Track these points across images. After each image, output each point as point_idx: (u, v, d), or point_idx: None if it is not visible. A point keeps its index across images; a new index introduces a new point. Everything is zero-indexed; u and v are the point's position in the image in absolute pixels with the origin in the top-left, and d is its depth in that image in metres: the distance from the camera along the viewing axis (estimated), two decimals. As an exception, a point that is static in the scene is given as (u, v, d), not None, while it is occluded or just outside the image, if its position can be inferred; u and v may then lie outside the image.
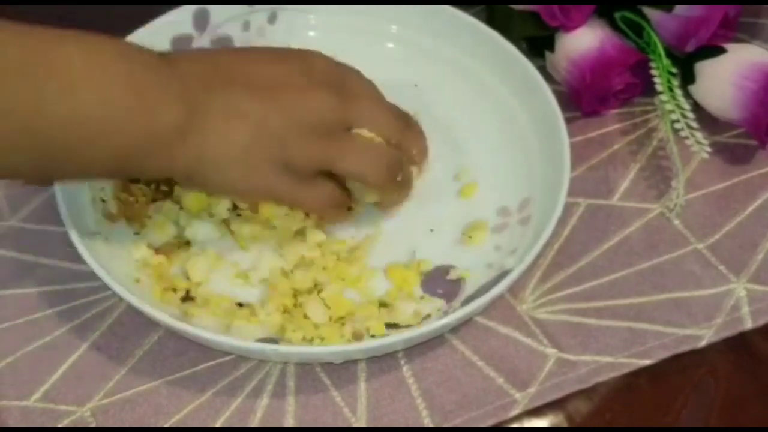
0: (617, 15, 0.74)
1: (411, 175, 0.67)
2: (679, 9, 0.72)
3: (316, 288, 0.64)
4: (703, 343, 0.65)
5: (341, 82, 0.63)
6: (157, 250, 0.65)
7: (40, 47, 0.54)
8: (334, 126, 0.61)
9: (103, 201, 0.67)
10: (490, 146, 0.72)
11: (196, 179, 0.59)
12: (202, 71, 0.59)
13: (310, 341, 0.62)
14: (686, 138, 0.70)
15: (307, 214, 0.66)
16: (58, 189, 0.64)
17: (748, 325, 0.65)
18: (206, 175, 0.59)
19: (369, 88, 0.65)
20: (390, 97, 0.71)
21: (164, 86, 0.57)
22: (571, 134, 0.68)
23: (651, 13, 0.73)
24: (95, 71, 0.55)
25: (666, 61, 0.72)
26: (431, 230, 0.68)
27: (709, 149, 0.69)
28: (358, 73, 0.66)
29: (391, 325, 0.63)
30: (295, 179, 0.61)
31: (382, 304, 0.64)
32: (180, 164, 0.58)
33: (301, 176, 0.61)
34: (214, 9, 0.74)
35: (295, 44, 0.75)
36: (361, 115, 0.63)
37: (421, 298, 0.65)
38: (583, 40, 0.73)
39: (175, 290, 0.64)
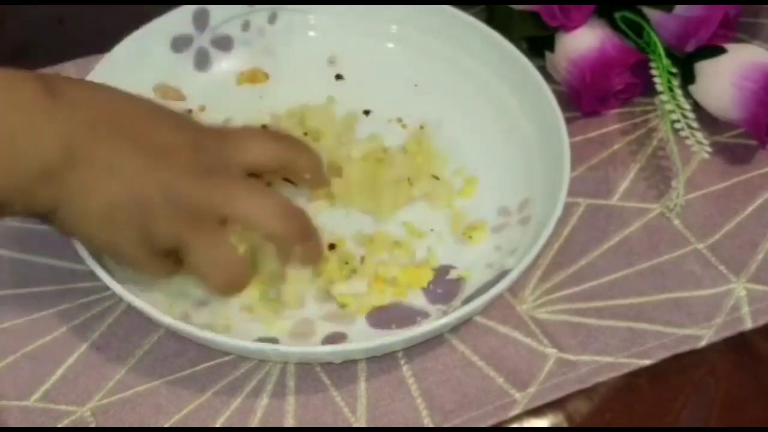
0: (617, 15, 0.74)
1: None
2: (679, 9, 0.72)
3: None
4: (703, 343, 0.65)
5: (224, 165, 0.60)
6: None
7: None
8: (202, 213, 0.58)
9: None
10: (489, 146, 0.72)
11: (55, 221, 0.58)
12: (93, 116, 0.57)
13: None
14: (686, 138, 0.70)
15: None
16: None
17: (748, 325, 0.65)
18: (63, 220, 0.57)
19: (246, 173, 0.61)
20: (390, 97, 0.72)
21: (41, 127, 0.55)
22: (571, 134, 0.68)
23: (651, 13, 0.73)
24: None
25: (666, 61, 0.72)
26: (431, 230, 0.68)
27: (709, 149, 0.69)
28: (243, 144, 0.62)
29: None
30: (147, 251, 0.58)
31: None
32: (43, 201, 0.56)
33: (154, 250, 0.59)
34: (214, 9, 0.74)
35: (295, 44, 0.75)
36: (236, 206, 0.59)
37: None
38: (583, 40, 0.73)
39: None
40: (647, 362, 0.64)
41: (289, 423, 0.61)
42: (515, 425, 0.62)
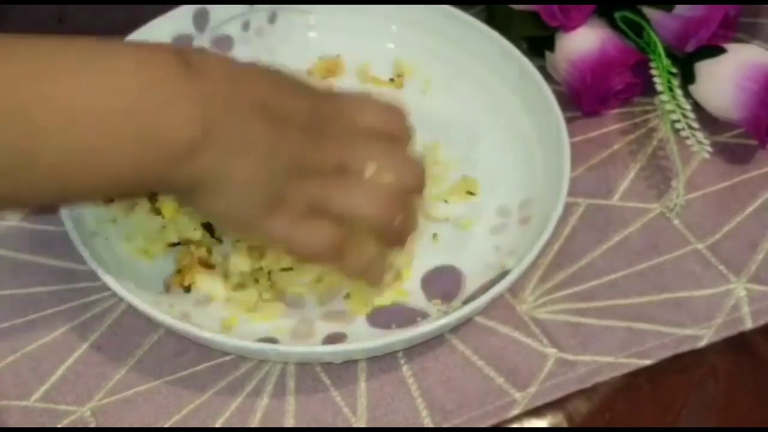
0: (617, 15, 0.74)
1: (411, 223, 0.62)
2: (679, 9, 0.72)
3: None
4: (703, 343, 0.65)
5: (357, 138, 0.60)
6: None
7: (45, 58, 0.53)
8: (326, 169, 0.59)
9: None
10: (490, 146, 0.72)
11: (194, 198, 0.58)
12: (227, 92, 0.56)
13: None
14: (687, 138, 0.70)
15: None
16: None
17: (748, 325, 0.65)
18: (205, 195, 0.57)
19: (388, 150, 0.61)
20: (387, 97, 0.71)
21: (183, 103, 0.55)
22: (571, 134, 0.68)
23: (651, 13, 0.73)
24: (105, 89, 0.53)
25: (666, 61, 0.72)
26: (431, 232, 0.68)
27: (710, 149, 0.69)
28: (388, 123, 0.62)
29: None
30: (289, 216, 0.58)
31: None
32: (182, 180, 0.56)
33: (294, 213, 0.58)
34: (214, 9, 0.74)
35: (295, 44, 0.75)
36: (356, 156, 0.60)
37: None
38: (583, 40, 0.73)
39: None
40: (647, 362, 0.64)
41: (289, 423, 0.61)
42: (515, 425, 0.62)
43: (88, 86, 0.53)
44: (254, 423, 0.61)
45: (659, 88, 0.72)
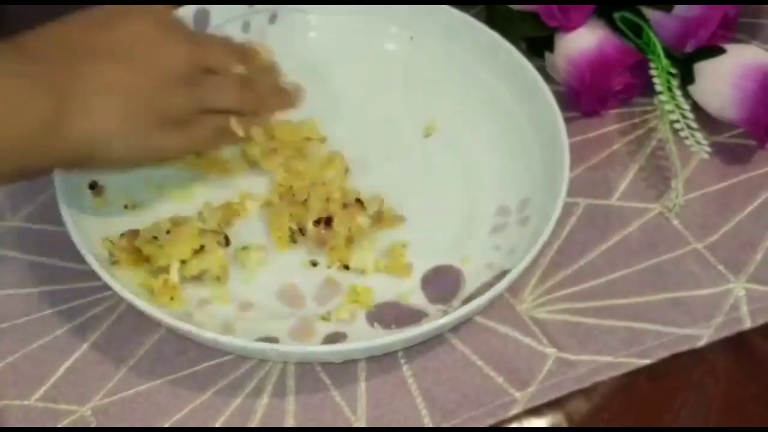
0: (616, 15, 0.74)
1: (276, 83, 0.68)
2: (679, 9, 0.72)
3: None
4: (702, 343, 0.65)
5: (184, 29, 0.65)
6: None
7: None
8: (194, 71, 0.62)
9: None
10: (489, 146, 0.72)
11: (86, 162, 0.60)
12: (58, 53, 0.58)
13: None
14: (686, 138, 0.70)
15: None
16: (59, 189, 0.64)
17: (747, 324, 0.66)
18: (94, 154, 0.59)
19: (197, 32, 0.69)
20: (388, 97, 0.71)
21: (26, 82, 0.56)
22: (570, 134, 0.68)
23: (650, 13, 0.73)
24: None
25: (665, 62, 0.72)
26: (430, 231, 0.68)
27: (708, 149, 0.69)
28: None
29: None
30: (178, 128, 0.61)
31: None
32: (62, 152, 0.58)
33: (182, 123, 0.61)
34: (214, 9, 0.74)
35: (295, 44, 0.75)
36: (210, 55, 0.64)
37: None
38: (583, 41, 0.73)
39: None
40: (646, 362, 0.64)
41: (289, 423, 0.61)
42: (515, 425, 0.62)
43: None
44: (254, 423, 0.61)
45: (658, 88, 0.72)
